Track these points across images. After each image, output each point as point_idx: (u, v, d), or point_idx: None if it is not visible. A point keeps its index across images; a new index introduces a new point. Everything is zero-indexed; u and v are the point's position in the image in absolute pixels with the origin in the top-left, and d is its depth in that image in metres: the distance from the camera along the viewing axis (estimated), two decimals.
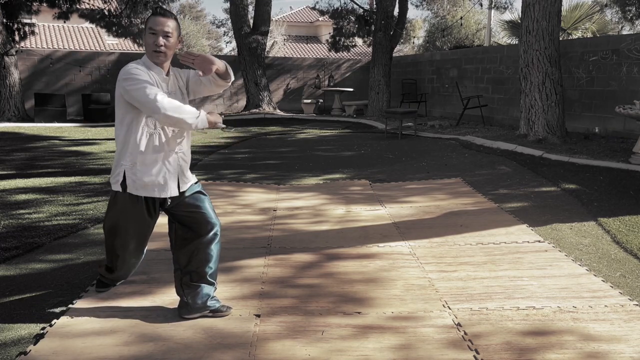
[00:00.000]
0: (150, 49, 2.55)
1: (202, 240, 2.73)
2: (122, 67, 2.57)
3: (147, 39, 2.55)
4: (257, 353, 2.43)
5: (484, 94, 12.35)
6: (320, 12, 16.92)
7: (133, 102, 2.49)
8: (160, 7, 2.64)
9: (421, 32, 30.63)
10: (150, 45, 2.54)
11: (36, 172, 6.79)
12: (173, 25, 2.56)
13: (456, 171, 6.71)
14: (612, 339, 2.53)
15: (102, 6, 15.61)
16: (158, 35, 2.52)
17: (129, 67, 2.53)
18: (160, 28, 2.52)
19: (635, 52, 8.87)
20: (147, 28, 2.54)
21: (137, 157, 2.59)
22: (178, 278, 2.78)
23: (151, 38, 2.53)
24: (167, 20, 2.54)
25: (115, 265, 2.85)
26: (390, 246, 3.89)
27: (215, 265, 2.79)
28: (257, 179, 6.39)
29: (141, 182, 2.60)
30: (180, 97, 2.70)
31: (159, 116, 2.45)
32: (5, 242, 3.98)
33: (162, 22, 2.53)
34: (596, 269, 3.44)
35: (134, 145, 2.58)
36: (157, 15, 2.55)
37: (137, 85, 2.45)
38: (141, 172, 2.59)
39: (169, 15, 2.57)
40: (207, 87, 2.77)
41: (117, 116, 2.61)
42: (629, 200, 5.05)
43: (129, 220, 2.69)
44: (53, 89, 15.28)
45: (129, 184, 2.60)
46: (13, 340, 2.57)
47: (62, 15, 14.69)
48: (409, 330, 2.65)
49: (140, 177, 2.59)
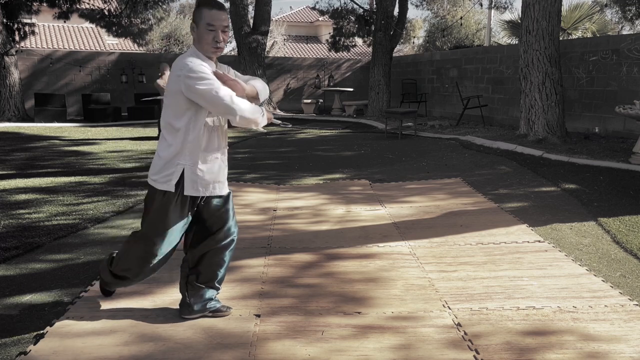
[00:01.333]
0: (209, 45, 2.43)
1: (219, 244, 2.66)
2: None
3: (203, 34, 2.41)
4: (257, 353, 2.43)
5: (484, 94, 12.35)
6: (320, 12, 16.92)
7: (199, 100, 2.38)
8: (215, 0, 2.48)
9: (421, 32, 30.64)
10: (209, 41, 2.42)
11: (36, 172, 6.79)
12: (227, 17, 2.47)
13: (456, 171, 6.71)
14: (612, 339, 2.53)
15: (102, 6, 15.62)
16: (218, 31, 2.41)
17: (191, 63, 2.37)
18: (219, 23, 2.41)
19: (635, 52, 8.87)
20: (204, 23, 2.40)
21: (199, 155, 2.50)
22: (184, 276, 2.73)
23: (210, 34, 2.41)
24: (224, 13, 2.43)
25: (135, 274, 2.70)
26: (390, 246, 3.89)
27: (224, 272, 2.76)
28: (257, 179, 6.39)
29: (203, 181, 2.53)
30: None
31: (235, 117, 2.41)
32: (5, 242, 3.98)
33: (220, 17, 2.41)
34: (596, 269, 3.44)
35: (195, 144, 2.48)
36: (213, 9, 2.41)
37: (208, 85, 2.35)
38: (202, 171, 2.52)
39: (224, 8, 2.46)
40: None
41: (172, 113, 2.46)
42: (629, 200, 5.05)
43: (175, 222, 2.55)
44: (53, 89, 15.28)
45: (187, 184, 2.49)
46: (13, 340, 2.57)
47: (62, 15, 14.70)
48: (409, 330, 2.64)
49: (202, 176, 2.52)
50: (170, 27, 28.82)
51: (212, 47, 2.44)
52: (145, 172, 6.79)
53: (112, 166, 7.22)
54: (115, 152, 8.47)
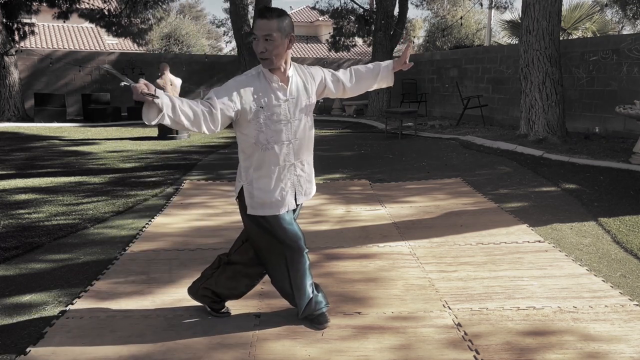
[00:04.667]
0: (258, 56, 2.36)
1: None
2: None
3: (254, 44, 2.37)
4: (257, 353, 2.43)
5: (484, 94, 12.34)
6: (320, 12, 16.92)
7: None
8: (264, 6, 2.40)
9: (421, 32, 30.65)
10: (256, 52, 2.36)
11: (36, 172, 6.79)
12: (275, 25, 2.30)
13: (456, 171, 6.71)
14: (612, 339, 2.53)
15: (102, 6, 15.62)
16: (259, 41, 2.33)
17: (241, 75, 2.43)
18: (259, 32, 2.31)
19: (635, 52, 8.87)
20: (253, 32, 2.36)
21: (252, 174, 2.47)
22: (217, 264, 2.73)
23: (254, 44, 2.35)
24: (267, 22, 2.29)
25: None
26: (390, 246, 3.89)
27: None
28: None
29: (259, 200, 2.47)
30: (306, 99, 2.51)
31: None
32: (5, 242, 3.98)
33: (261, 26, 2.30)
34: (596, 269, 3.44)
35: (247, 162, 2.48)
36: (257, 18, 2.33)
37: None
38: (258, 190, 2.46)
39: (270, 15, 2.31)
40: (336, 93, 2.71)
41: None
42: (629, 200, 5.05)
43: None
44: (53, 88, 15.28)
45: (248, 204, 2.49)
46: (13, 340, 2.57)
47: (62, 15, 14.70)
48: (409, 330, 2.64)
49: (258, 195, 2.46)
50: (170, 27, 28.83)
51: (260, 57, 2.36)
52: (144, 172, 6.79)
53: (112, 166, 7.22)
54: (115, 152, 8.47)
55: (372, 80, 2.74)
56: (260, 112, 2.37)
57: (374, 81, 2.75)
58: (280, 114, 2.42)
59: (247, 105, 2.35)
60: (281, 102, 2.42)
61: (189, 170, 6.87)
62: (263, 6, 2.37)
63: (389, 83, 2.78)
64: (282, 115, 2.42)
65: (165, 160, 7.66)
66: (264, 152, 2.43)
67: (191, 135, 10.35)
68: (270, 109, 2.39)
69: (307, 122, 2.54)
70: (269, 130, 2.40)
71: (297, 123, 2.48)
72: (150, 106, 2.14)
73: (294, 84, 2.46)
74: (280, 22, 2.32)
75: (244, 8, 15.32)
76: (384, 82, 2.77)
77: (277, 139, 2.43)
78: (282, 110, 2.42)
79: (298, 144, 2.50)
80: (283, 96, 2.42)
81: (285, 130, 2.44)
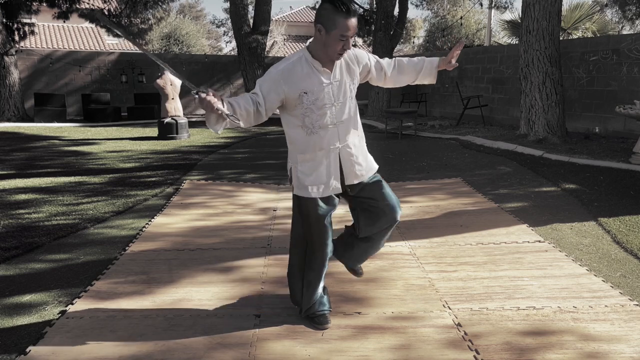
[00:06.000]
0: (335, 53, 2.35)
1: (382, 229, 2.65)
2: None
3: (332, 42, 2.31)
4: (257, 353, 2.43)
5: (484, 94, 12.34)
6: None
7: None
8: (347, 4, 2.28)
9: (421, 31, 30.64)
10: (337, 49, 2.34)
11: (36, 172, 6.78)
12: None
13: (456, 171, 6.71)
14: (612, 339, 2.53)
15: (102, 6, 15.61)
16: (348, 41, 2.33)
17: (282, 61, 2.46)
18: (351, 33, 2.30)
19: (635, 52, 8.87)
20: (337, 33, 2.28)
21: (298, 156, 2.53)
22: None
23: (339, 44, 2.31)
24: (356, 20, 2.32)
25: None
26: (390, 246, 3.89)
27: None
28: (257, 179, 6.38)
29: (302, 181, 2.52)
30: (349, 83, 2.52)
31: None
32: (5, 242, 3.98)
33: (354, 26, 2.30)
34: (596, 269, 3.44)
35: (293, 145, 2.54)
36: (350, 17, 2.27)
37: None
38: (301, 173, 2.52)
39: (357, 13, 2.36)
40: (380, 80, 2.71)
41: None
42: (630, 200, 5.05)
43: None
44: (53, 88, 15.27)
45: (294, 184, 2.56)
46: (13, 340, 2.57)
47: (62, 15, 14.68)
48: (409, 330, 2.64)
49: (302, 177, 2.52)
50: (170, 27, 28.82)
51: (337, 54, 2.37)
52: (144, 172, 6.79)
53: (112, 166, 7.22)
54: (115, 152, 8.47)
55: (413, 75, 2.72)
56: (304, 97, 2.41)
57: (415, 76, 2.73)
58: (324, 97, 2.44)
59: (292, 92, 2.39)
60: (324, 86, 2.43)
61: (189, 170, 6.87)
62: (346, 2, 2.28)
63: (431, 80, 2.75)
64: (326, 99, 2.44)
65: (165, 160, 7.66)
66: (309, 136, 2.47)
67: (191, 135, 10.35)
68: (315, 94, 2.42)
69: (352, 104, 2.55)
70: (313, 114, 2.44)
71: (341, 106, 2.49)
72: (217, 117, 2.26)
73: (337, 68, 2.47)
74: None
75: (244, 8, 15.32)
76: (426, 78, 2.73)
77: (322, 123, 2.46)
78: (326, 94, 2.44)
79: (343, 127, 2.52)
80: (326, 80, 2.44)
81: (330, 113, 2.47)
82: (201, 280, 3.26)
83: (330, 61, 2.43)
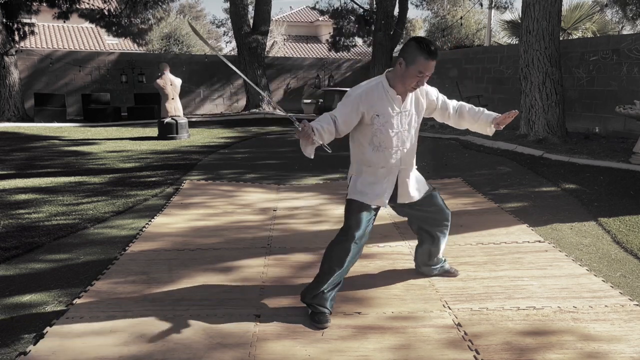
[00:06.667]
0: (409, 85, 2.63)
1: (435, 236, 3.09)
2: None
3: (410, 76, 2.58)
4: (257, 353, 2.43)
5: (484, 94, 12.35)
6: (320, 12, 16.93)
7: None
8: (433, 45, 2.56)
9: (421, 32, 30.61)
10: (412, 84, 2.62)
11: (36, 172, 6.78)
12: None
13: (456, 171, 6.71)
14: (612, 339, 2.53)
15: (102, 6, 15.61)
16: (423, 79, 2.61)
17: (361, 84, 2.73)
18: (428, 72, 2.59)
19: (635, 52, 8.87)
20: (416, 69, 2.56)
21: (362, 168, 2.79)
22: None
23: (415, 79, 2.59)
24: (435, 62, 2.58)
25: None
26: (390, 246, 3.89)
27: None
28: (257, 179, 6.38)
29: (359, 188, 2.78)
30: (415, 114, 2.79)
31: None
32: (5, 242, 3.98)
33: (432, 67, 2.58)
34: (596, 269, 3.44)
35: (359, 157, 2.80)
36: (430, 58, 2.54)
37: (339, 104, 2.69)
38: (361, 182, 2.78)
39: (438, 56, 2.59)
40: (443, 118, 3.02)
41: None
42: (629, 200, 5.05)
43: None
44: (53, 88, 15.27)
45: (349, 190, 2.81)
46: (13, 340, 2.57)
47: (62, 15, 14.69)
48: (409, 330, 2.64)
49: (360, 185, 2.77)
50: (170, 27, 28.81)
51: (412, 87, 2.65)
52: (144, 172, 6.79)
53: (112, 166, 7.22)
54: (115, 152, 8.47)
55: (471, 122, 2.99)
56: (375, 119, 2.68)
57: (473, 123, 2.99)
58: (393, 124, 2.71)
59: (366, 114, 2.68)
60: (394, 114, 2.71)
61: (189, 170, 6.87)
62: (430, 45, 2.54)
63: (484, 132, 3.00)
64: (394, 125, 2.72)
65: (165, 160, 7.66)
66: (375, 153, 2.75)
67: (191, 135, 10.35)
68: (385, 117, 2.69)
69: (415, 133, 2.83)
70: (381, 135, 2.71)
71: (406, 134, 2.77)
72: (310, 144, 2.60)
73: (409, 99, 2.75)
74: None
75: (244, 8, 15.33)
76: (481, 128, 2.98)
77: (388, 145, 2.74)
78: (395, 121, 2.72)
79: (406, 152, 2.80)
80: (397, 108, 2.71)
81: (395, 138, 2.74)
82: (201, 280, 3.26)
83: (404, 92, 2.69)
